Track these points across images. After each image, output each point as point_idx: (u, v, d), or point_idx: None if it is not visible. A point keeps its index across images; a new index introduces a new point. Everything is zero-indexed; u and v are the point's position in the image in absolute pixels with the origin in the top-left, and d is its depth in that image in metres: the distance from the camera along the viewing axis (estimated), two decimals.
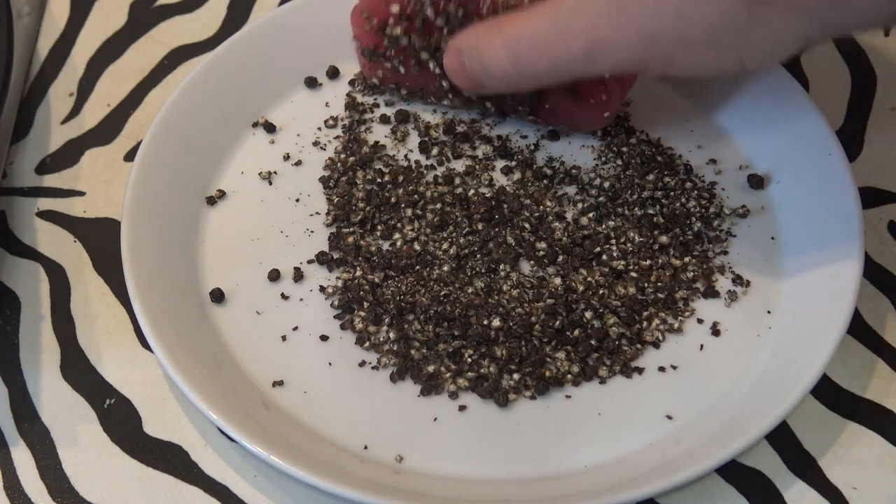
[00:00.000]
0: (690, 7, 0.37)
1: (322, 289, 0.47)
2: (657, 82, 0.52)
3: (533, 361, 0.44)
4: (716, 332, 0.45)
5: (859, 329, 0.46)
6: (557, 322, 0.44)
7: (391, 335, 0.45)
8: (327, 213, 0.49)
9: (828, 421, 0.44)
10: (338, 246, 0.48)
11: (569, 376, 0.44)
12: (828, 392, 0.44)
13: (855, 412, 0.44)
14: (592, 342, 0.44)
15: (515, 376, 0.43)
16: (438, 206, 0.49)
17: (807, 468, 0.42)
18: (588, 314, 0.45)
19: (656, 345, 0.45)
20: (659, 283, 0.46)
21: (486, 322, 0.44)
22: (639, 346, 0.44)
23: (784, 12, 0.36)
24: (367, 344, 0.45)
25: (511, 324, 0.44)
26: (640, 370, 0.44)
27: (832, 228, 0.45)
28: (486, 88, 0.45)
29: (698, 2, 0.36)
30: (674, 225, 0.48)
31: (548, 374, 0.43)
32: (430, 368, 0.44)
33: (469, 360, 0.44)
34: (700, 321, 0.45)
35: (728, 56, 0.38)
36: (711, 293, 0.46)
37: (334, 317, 0.46)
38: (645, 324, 0.45)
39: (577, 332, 0.44)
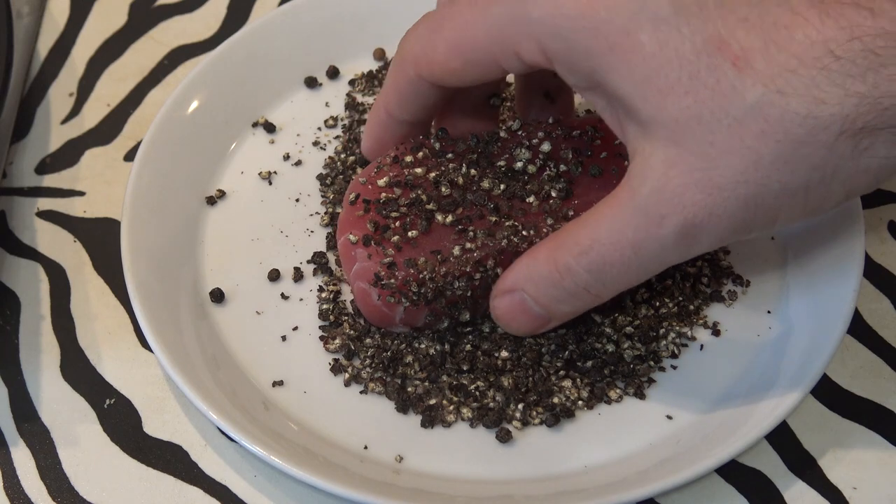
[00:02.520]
0: (788, 153, 0.33)
1: (321, 289, 0.47)
2: None
3: (540, 391, 0.43)
4: (716, 332, 0.45)
5: (859, 329, 0.46)
6: (567, 353, 0.43)
7: (377, 374, 0.44)
8: (325, 213, 0.49)
9: (828, 421, 0.44)
10: (334, 246, 0.48)
11: (580, 402, 0.43)
12: (828, 392, 0.44)
13: (855, 412, 0.44)
14: (606, 371, 0.43)
15: (521, 406, 0.42)
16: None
17: (807, 468, 0.42)
18: (601, 341, 0.44)
19: (674, 356, 0.44)
20: (680, 298, 0.45)
21: (495, 354, 0.44)
22: (651, 363, 0.44)
23: (893, 135, 0.33)
24: (347, 376, 0.44)
25: (520, 353, 0.44)
26: (650, 381, 0.44)
27: (832, 228, 0.45)
28: (556, 320, 0.40)
29: (797, 145, 0.33)
30: None
31: (556, 400, 0.43)
32: (432, 401, 0.43)
33: (476, 392, 0.43)
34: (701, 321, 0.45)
35: (834, 194, 0.34)
36: (717, 297, 0.46)
37: (320, 327, 0.46)
38: (663, 342, 0.44)
39: (589, 363, 0.43)
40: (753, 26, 0.33)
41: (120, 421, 0.45)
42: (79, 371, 0.46)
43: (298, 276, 0.47)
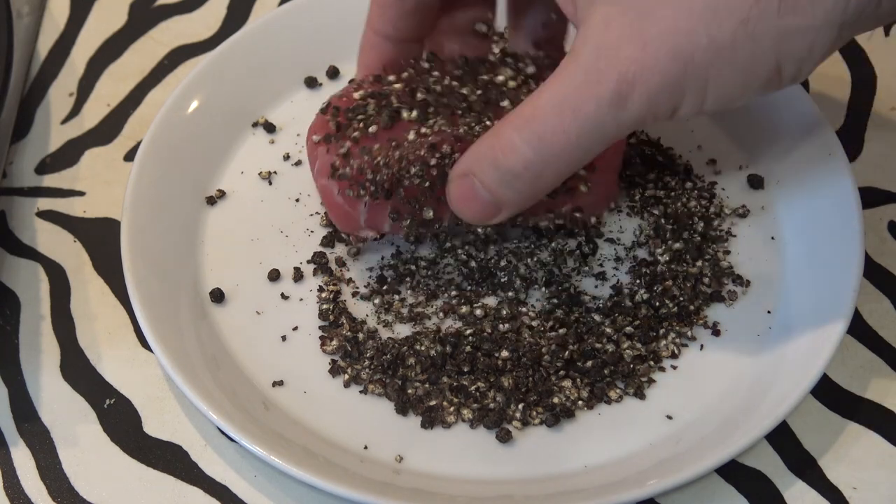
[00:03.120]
0: (716, 3, 0.33)
1: (321, 289, 0.47)
2: None
3: (540, 392, 0.43)
4: (716, 332, 0.45)
5: (859, 329, 0.46)
6: (567, 353, 0.43)
7: (377, 376, 0.44)
8: (325, 213, 0.49)
9: (828, 421, 0.44)
10: (333, 245, 0.48)
11: (580, 402, 0.43)
12: (828, 392, 0.44)
13: (855, 412, 0.44)
14: (606, 371, 0.43)
15: (521, 406, 0.42)
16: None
17: (807, 468, 0.42)
18: (601, 341, 0.44)
19: (674, 356, 0.44)
20: (681, 298, 0.45)
21: (496, 355, 0.44)
22: (651, 363, 0.44)
23: None
24: (346, 377, 0.44)
25: (520, 353, 0.43)
26: (650, 381, 0.44)
27: (832, 228, 0.45)
28: (506, 208, 0.39)
29: None
30: (680, 227, 0.47)
31: (556, 400, 0.43)
32: (432, 402, 0.43)
33: (476, 393, 0.43)
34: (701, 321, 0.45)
35: (764, 60, 0.34)
36: (717, 297, 0.46)
37: (320, 327, 0.46)
38: (663, 342, 0.44)
39: (589, 363, 0.43)
40: None
41: (120, 421, 0.45)
42: (79, 371, 0.46)
43: (298, 276, 0.47)
